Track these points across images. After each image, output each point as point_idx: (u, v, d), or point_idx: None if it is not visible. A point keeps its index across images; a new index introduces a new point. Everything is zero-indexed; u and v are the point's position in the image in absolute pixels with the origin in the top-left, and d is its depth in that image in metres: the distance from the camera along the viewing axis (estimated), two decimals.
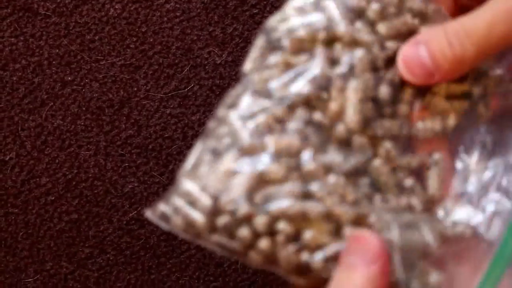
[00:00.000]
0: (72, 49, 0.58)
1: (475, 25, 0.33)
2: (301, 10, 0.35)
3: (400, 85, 0.35)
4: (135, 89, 0.58)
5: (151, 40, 0.58)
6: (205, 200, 0.33)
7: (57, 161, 0.58)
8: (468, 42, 0.33)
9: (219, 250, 0.34)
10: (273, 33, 0.35)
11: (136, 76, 0.58)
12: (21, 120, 0.58)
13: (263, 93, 0.34)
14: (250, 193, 0.33)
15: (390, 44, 0.35)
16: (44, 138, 0.58)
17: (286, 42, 0.34)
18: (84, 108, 0.58)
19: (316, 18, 0.34)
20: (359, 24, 0.34)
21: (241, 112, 0.34)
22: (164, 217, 0.34)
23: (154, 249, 0.58)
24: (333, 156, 0.34)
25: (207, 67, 0.58)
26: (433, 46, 0.34)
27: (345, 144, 0.34)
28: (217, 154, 0.34)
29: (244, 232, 0.33)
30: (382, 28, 0.34)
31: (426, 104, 0.35)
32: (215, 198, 0.33)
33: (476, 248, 0.34)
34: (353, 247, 0.32)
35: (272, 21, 0.35)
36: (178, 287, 0.59)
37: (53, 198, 0.58)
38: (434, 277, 0.33)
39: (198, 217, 0.33)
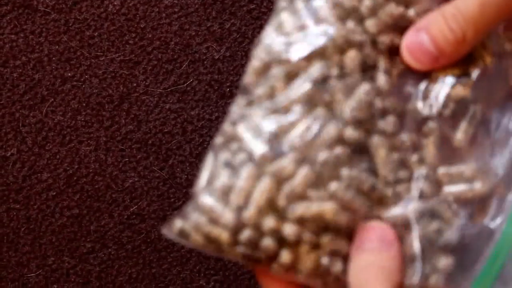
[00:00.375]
0: (72, 46, 0.58)
1: (467, 7, 0.34)
2: (295, 17, 0.34)
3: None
4: (135, 84, 0.58)
5: (150, 36, 0.58)
6: (229, 216, 0.33)
7: (58, 156, 0.58)
8: (465, 24, 0.34)
9: (241, 260, 0.33)
10: (273, 45, 0.34)
11: (135, 72, 0.58)
12: (22, 116, 0.58)
13: (270, 108, 0.34)
14: (272, 203, 0.33)
15: (381, 39, 0.35)
16: (45, 134, 0.58)
17: (287, 56, 0.34)
18: (84, 104, 0.58)
19: (310, 25, 0.34)
20: (350, 23, 0.34)
21: (251, 126, 0.34)
22: (183, 234, 0.33)
23: (155, 243, 0.59)
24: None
25: (205, 62, 0.59)
26: (434, 31, 0.34)
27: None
28: (232, 168, 0.33)
29: (268, 242, 0.33)
30: (371, 26, 0.35)
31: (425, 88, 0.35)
32: (238, 213, 0.33)
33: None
34: (368, 235, 0.33)
35: (270, 32, 0.34)
36: (179, 280, 0.59)
37: (54, 193, 0.58)
38: (443, 261, 0.33)
39: (221, 233, 0.33)
